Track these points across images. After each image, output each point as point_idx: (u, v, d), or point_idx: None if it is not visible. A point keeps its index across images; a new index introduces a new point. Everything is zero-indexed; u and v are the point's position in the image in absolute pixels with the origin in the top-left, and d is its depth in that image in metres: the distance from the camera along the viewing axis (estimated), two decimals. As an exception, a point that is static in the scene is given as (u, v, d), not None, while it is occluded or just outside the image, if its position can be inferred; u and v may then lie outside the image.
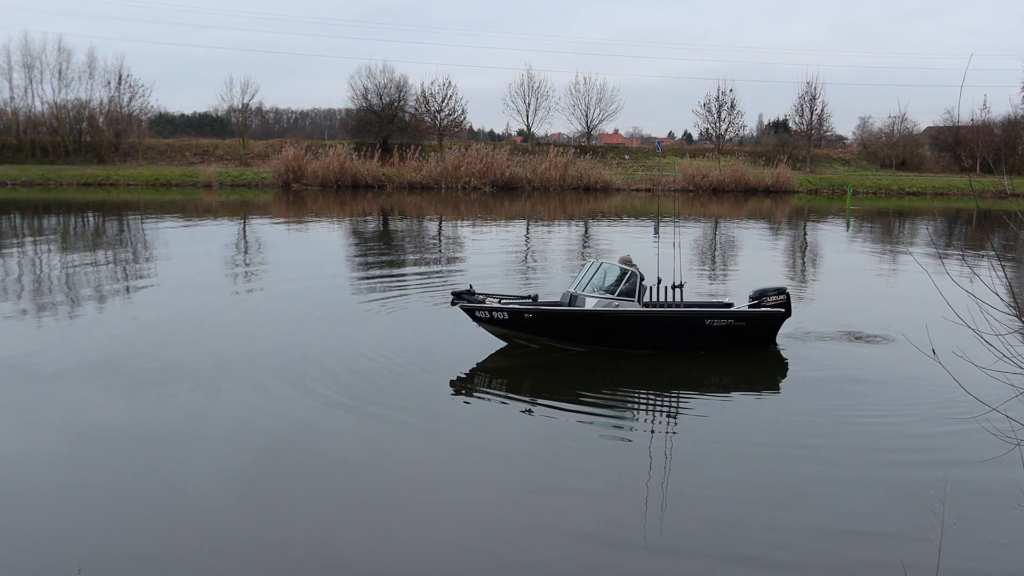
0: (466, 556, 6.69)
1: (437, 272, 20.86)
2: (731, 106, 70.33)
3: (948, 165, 73.26)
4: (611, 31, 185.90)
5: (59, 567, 6.25)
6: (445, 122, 67.26)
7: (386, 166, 56.01)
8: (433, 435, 9.43)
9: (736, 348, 12.59)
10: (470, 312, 12.62)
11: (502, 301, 12.73)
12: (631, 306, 12.27)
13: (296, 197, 47.78)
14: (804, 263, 25.73)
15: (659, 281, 12.67)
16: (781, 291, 12.79)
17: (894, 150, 73.58)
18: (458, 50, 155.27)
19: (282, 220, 36.08)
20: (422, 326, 14.43)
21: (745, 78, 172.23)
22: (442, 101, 66.61)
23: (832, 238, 33.38)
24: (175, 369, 11.51)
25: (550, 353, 12.60)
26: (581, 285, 12.77)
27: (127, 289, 18.03)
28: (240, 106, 67.27)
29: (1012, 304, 5.09)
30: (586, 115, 72.15)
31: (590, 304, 12.36)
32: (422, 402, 10.48)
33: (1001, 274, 5.20)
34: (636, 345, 12.51)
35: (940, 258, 22.33)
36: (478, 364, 12.31)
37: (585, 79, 76.33)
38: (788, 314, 12.84)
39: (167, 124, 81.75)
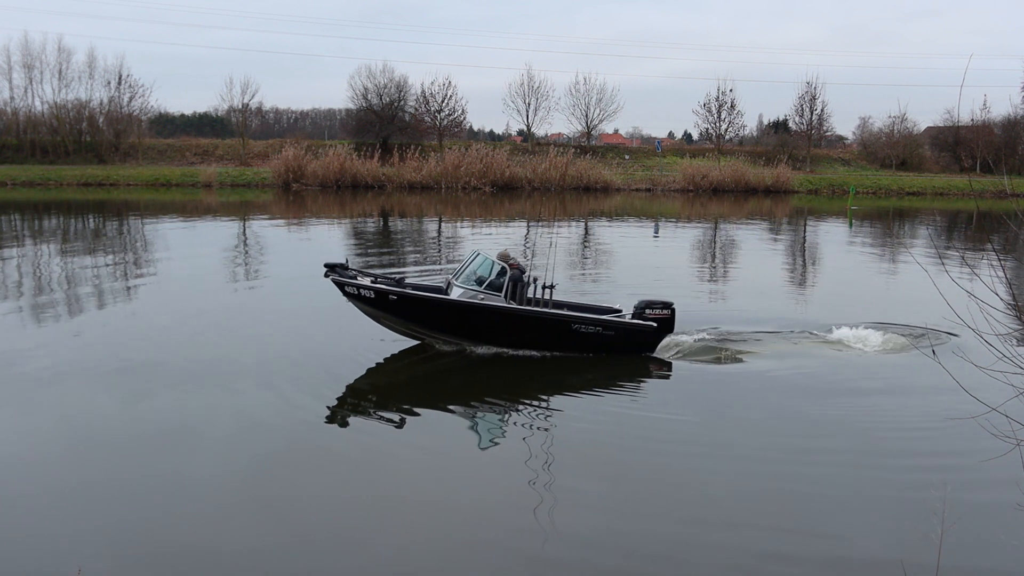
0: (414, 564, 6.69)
1: (438, 272, 20.85)
2: (731, 106, 70.38)
3: (948, 165, 73.20)
4: (612, 31, 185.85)
5: (59, 567, 6.25)
6: (445, 122, 67.23)
7: (386, 166, 55.96)
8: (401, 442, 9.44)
9: (606, 354, 12.46)
10: (340, 286, 12.42)
11: (377, 280, 12.50)
12: (497, 301, 12.10)
13: (296, 197, 47.77)
14: (804, 263, 25.74)
15: (534, 281, 12.55)
16: (667, 306, 12.65)
17: (894, 150, 73.54)
18: (458, 50, 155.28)
19: (282, 220, 36.07)
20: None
21: (745, 78, 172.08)
22: (442, 101, 66.63)
23: (832, 238, 33.38)
24: (175, 369, 11.51)
25: (499, 356, 12.45)
26: (458, 274, 12.61)
27: (127, 289, 18.03)
28: (240, 106, 67.33)
29: (1012, 304, 5.09)
30: (586, 115, 72.15)
31: (455, 294, 12.20)
32: (411, 403, 10.49)
33: (1001, 274, 5.20)
34: (498, 341, 12.39)
35: (940, 258, 22.33)
36: (468, 363, 12.30)
37: (585, 79, 76.28)
38: (668, 330, 12.69)
39: (167, 124, 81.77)
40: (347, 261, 12.85)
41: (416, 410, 10.30)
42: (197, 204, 43.03)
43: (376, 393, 11.15)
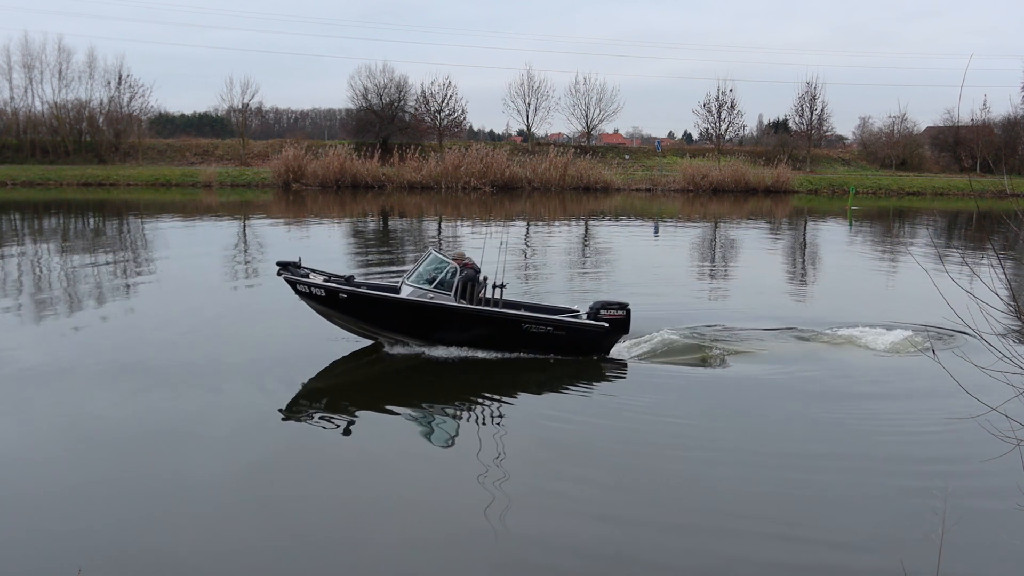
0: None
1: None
2: (731, 106, 70.39)
3: (948, 165, 73.20)
4: (612, 31, 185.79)
5: (59, 567, 6.25)
6: (445, 122, 67.21)
7: (386, 166, 55.94)
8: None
9: (559, 354, 12.35)
10: (292, 285, 12.43)
11: (332, 279, 12.45)
12: (447, 300, 12.04)
13: (296, 197, 47.78)
14: (804, 263, 25.74)
15: (484, 280, 12.47)
16: (622, 307, 12.50)
17: (894, 150, 73.55)
18: (458, 50, 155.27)
19: (282, 220, 36.08)
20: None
21: (745, 78, 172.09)
22: (442, 101, 66.62)
23: (832, 238, 33.38)
24: (175, 368, 11.51)
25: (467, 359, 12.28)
26: (411, 273, 12.61)
27: (126, 289, 18.03)
28: (240, 106, 67.35)
29: (1012, 304, 5.09)
30: (586, 115, 72.18)
31: (405, 292, 12.18)
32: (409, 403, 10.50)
33: (1001, 274, 5.19)
34: (448, 341, 12.28)
35: (940, 258, 22.33)
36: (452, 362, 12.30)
37: (585, 79, 76.31)
38: (623, 331, 12.56)
39: (167, 124, 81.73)
40: (300, 260, 12.83)
41: (394, 410, 10.30)
42: (197, 204, 43.03)
43: (360, 393, 11.14)
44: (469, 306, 12.10)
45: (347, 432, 9.49)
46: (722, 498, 7.77)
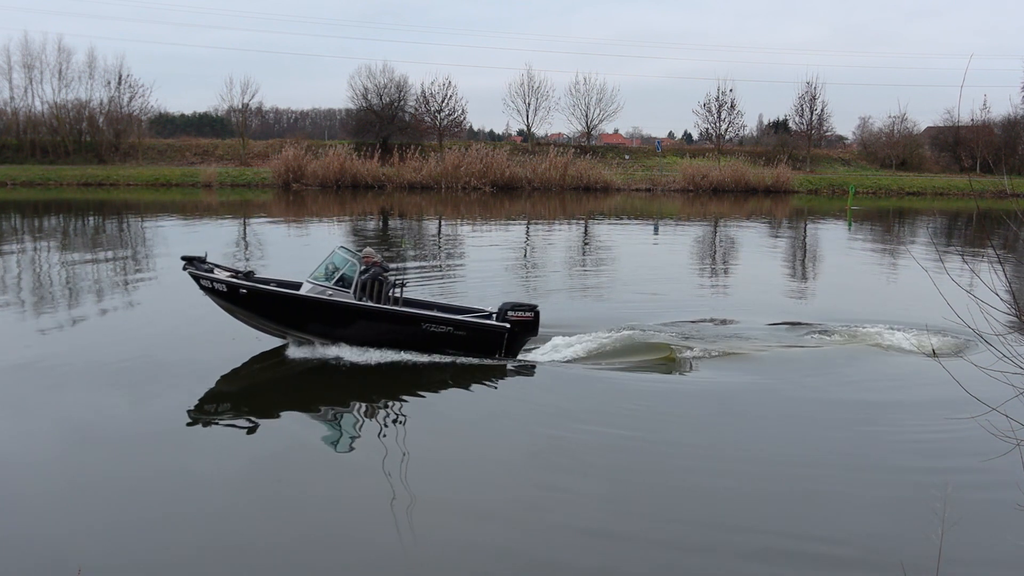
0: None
1: (436, 270, 20.86)
2: (731, 106, 70.42)
3: (948, 165, 73.22)
4: (612, 31, 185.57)
5: (59, 567, 6.25)
6: (445, 122, 67.21)
7: (386, 166, 55.94)
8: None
9: (462, 354, 12.17)
10: (196, 280, 12.34)
11: (239, 276, 12.39)
12: (345, 297, 11.92)
13: (296, 197, 47.77)
14: (804, 262, 25.73)
15: (385, 277, 12.31)
16: (531, 308, 12.39)
17: (894, 150, 73.56)
18: (458, 50, 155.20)
19: (282, 220, 36.06)
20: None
21: (745, 78, 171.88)
22: (442, 101, 66.63)
23: (832, 238, 33.36)
24: (175, 369, 11.50)
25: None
26: (315, 269, 12.51)
27: (126, 289, 18.03)
28: (240, 106, 67.37)
29: (1012, 304, 5.09)
30: (586, 115, 72.18)
31: (304, 289, 12.08)
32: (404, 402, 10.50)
33: (1001, 274, 5.19)
34: (349, 339, 12.09)
35: (940, 258, 22.32)
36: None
37: (585, 79, 76.29)
38: (531, 333, 12.42)
39: (167, 124, 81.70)
40: (206, 255, 12.71)
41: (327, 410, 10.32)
42: (197, 204, 43.02)
43: (374, 394, 11.15)
44: (365, 303, 11.92)
45: (339, 433, 9.49)
46: (722, 497, 7.77)
